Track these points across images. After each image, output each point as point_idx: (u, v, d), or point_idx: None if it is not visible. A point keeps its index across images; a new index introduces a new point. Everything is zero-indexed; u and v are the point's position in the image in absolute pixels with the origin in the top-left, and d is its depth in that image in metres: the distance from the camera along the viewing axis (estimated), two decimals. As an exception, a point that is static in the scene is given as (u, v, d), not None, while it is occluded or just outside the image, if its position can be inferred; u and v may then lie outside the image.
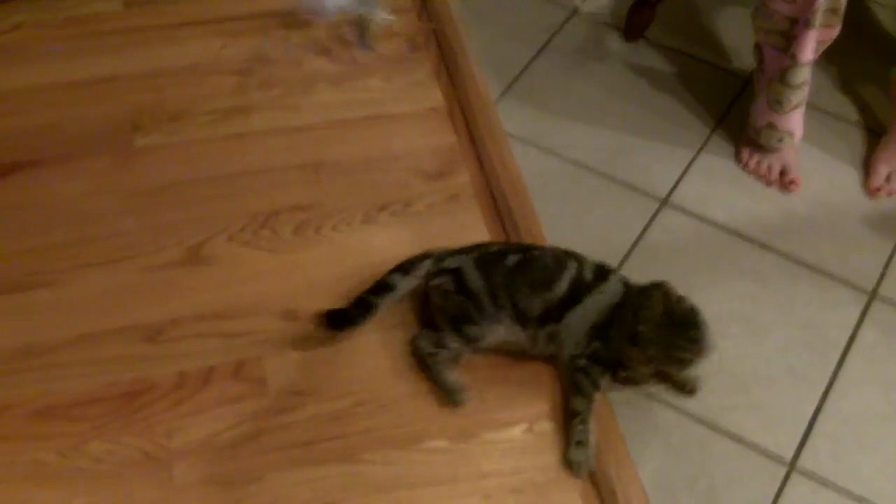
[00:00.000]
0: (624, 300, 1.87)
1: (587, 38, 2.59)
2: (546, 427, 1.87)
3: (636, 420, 1.91)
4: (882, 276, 2.16)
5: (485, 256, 1.94)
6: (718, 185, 2.30)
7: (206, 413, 1.85)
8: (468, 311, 1.89)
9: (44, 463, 1.79)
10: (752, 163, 2.32)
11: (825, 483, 1.86)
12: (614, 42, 2.59)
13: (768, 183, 2.30)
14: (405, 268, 1.96)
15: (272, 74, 2.41)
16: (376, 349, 1.95)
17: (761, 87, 2.28)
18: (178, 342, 1.94)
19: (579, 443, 1.82)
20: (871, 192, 2.30)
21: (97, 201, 2.16)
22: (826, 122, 2.39)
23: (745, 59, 2.52)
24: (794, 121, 2.26)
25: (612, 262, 2.11)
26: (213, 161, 2.24)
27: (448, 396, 1.88)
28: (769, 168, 2.30)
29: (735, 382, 1.99)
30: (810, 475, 1.87)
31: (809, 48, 2.13)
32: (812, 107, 2.38)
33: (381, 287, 1.94)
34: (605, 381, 1.87)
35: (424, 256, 1.97)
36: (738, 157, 2.34)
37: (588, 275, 1.90)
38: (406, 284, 1.96)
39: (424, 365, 1.91)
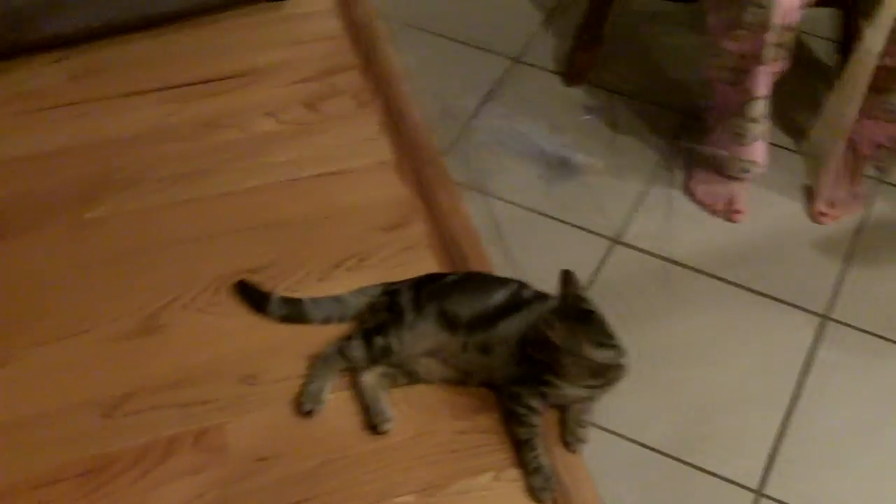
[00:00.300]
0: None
1: (530, 85, 2.62)
2: (513, 474, 1.87)
3: (605, 459, 1.92)
4: (833, 298, 2.19)
5: (427, 277, 2.02)
6: (668, 220, 2.33)
7: (170, 485, 1.83)
8: (384, 323, 1.93)
9: (6, 546, 1.77)
10: (700, 193, 2.34)
11: (793, 507, 1.88)
12: (556, 87, 2.62)
13: (714, 212, 2.32)
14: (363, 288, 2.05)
15: (220, 139, 2.42)
16: (339, 407, 1.94)
17: (716, 122, 2.31)
18: (137, 415, 1.93)
19: (535, 469, 1.83)
20: (815, 218, 2.33)
21: (52, 275, 2.15)
22: (769, 151, 2.41)
23: (685, 95, 2.56)
24: (758, 151, 2.29)
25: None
26: (166, 228, 2.24)
27: (370, 418, 1.90)
28: (717, 198, 2.33)
29: (699, 413, 2.00)
30: (778, 500, 1.88)
31: (762, 82, 2.16)
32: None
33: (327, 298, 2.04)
34: (540, 404, 1.87)
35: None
36: (686, 189, 2.37)
37: (528, 294, 1.94)
38: (353, 302, 2.03)
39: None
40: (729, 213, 2.32)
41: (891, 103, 2.10)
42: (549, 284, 2.14)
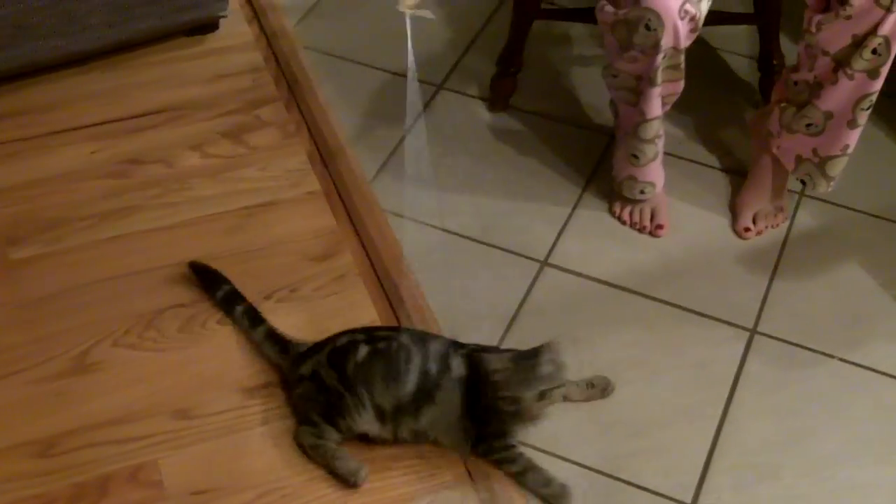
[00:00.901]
0: (471, 372, 1.87)
1: (455, 111, 2.64)
2: (450, 496, 1.88)
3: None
4: (760, 311, 2.22)
5: (335, 351, 1.93)
6: (595, 240, 2.36)
7: (107, 524, 1.82)
8: (335, 403, 1.88)
9: None
10: (625, 214, 2.38)
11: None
12: (481, 112, 2.65)
13: (640, 230, 2.36)
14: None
15: (146, 174, 2.41)
16: (274, 439, 1.94)
17: (619, 142, 2.35)
18: (71, 454, 1.91)
19: (547, 481, 1.85)
20: (740, 233, 2.37)
21: (-22, 318, 2.13)
22: (691, 169, 2.47)
23: (606, 116, 2.59)
24: (653, 172, 2.33)
25: (499, 325, 2.17)
26: (94, 266, 2.22)
27: (346, 481, 1.87)
28: (640, 216, 2.36)
29: (632, 428, 2.03)
30: (712, 515, 1.91)
31: (655, 104, 2.20)
32: (676, 155, 2.48)
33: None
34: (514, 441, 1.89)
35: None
36: (611, 210, 2.40)
37: (433, 367, 1.88)
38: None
39: (315, 456, 1.90)
40: (653, 229, 2.35)
41: (809, 117, 2.15)
42: (482, 307, 2.18)
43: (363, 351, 1.90)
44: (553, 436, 1.98)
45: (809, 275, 2.32)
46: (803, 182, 2.32)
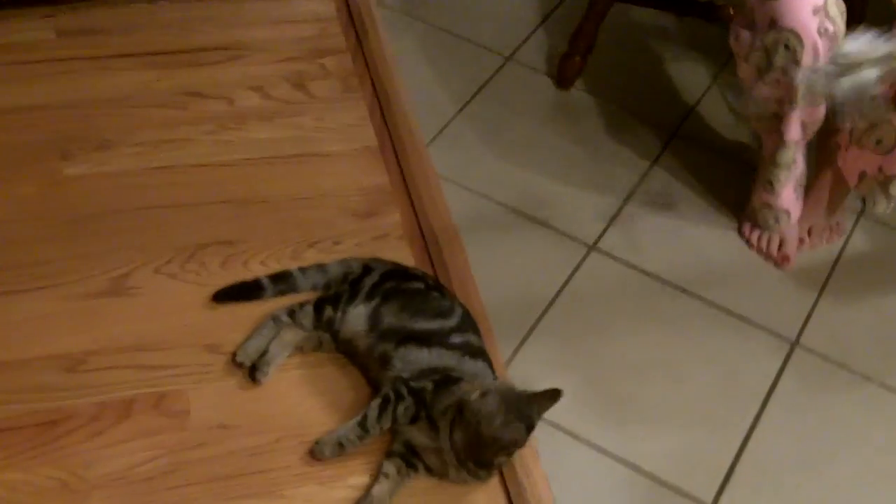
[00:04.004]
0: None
1: (520, 85, 2.62)
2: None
3: (558, 458, 1.92)
4: (804, 325, 2.20)
5: (401, 271, 2.03)
6: (644, 233, 2.33)
7: (126, 445, 1.82)
8: (338, 296, 1.95)
9: (-44, 493, 1.75)
10: (753, 237, 2.34)
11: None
12: (547, 89, 2.62)
13: (766, 257, 2.32)
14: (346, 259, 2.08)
15: (204, 109, 2.41)
16: (301, 385, 1.94)
17: (759, 169, 2.31)
18: (98, 373, 1.91)
19: (341, 444, 1.81)
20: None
21: (21, 228, 2.12)
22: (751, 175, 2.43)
23: (673, 112, 2.57)
24: (788, 200, 2.29)
25: (538, 304, 2.15)
26: (142, 192, 2.22)
27: (235, 353, 1.94)
28: (769, 244, 2.33)
29: (657, 426, 2.01)
30: (729, 521, 1.89)
31: (794, 127, 2.17)
32: (741, 160, 2.44)
33: (281, 275, 2.04)
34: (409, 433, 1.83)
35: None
36: (740, 230, 2.37)
37: (456, 339, 1.91)
38: (334, 272, 2.04)
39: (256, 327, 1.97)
40: (778, 259, 2.31)
41: (881, 133, 2.11)
42: (523, 284, 2.16)
43: (419, 286, 1.99)
44: (574, 418, 1.98)
45: (858, 296, 2.28)
46: (863, 200, 2.28)
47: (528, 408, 1.78)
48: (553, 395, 1.81)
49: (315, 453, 1.82)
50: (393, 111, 2.43)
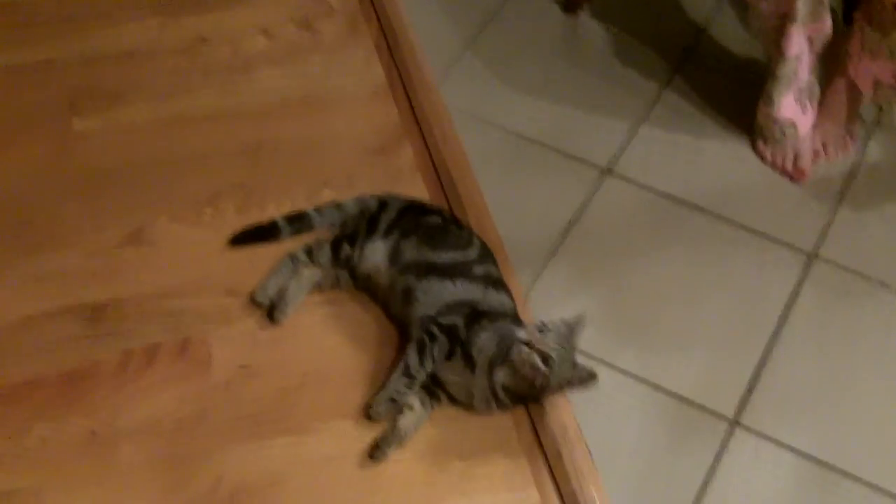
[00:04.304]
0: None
1: (528, 13, 2.59)
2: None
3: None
4: (822, 238, 2.19)
5: (417, 206, 2.03)
6: (659, 154, 2.32)
7: (152, 392, 1.84)
8: (355, 233, 1.96)
9: (-11, 446, 1.78)
10: (767, 153, 2.33)
11: (768, 439, 1.89)
12: (555, 16, 2.60)
13: (782, 172, 2.31)
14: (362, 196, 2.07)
15: (212, 56, 2.40)
16: (323, 323, 1.95)
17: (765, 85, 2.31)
18: (121, 322, 1.93)
19: (393, 399, 1.80)
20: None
21: (37, 185, 2.14)
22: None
23: (683, 32, 2.55)
24: (790, 111, 2.27)
25: (556, 230, 2.15)
26: (153, 143, 2.22)
27: (254, 293, 1.96)
28: (783, 158, 2.31)
29: (677, 344, 2.02)
30: (753, 432, 1.90)
31: (796, 41, 2.15)
32: (754, 73, 2.42)
33: (297, 215, 2.05)
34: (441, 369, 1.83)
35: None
36: (754, 148, 2.35)
37: (478, 270, 1.91)
38: (351, 209, 2.05)
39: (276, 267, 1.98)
40: (793, 172, 2.30)
41: (892, 45, 2.09)
42: (540, 212, 2.16)
43: (437, 220, 2.00)
44: (592, 341, 1.96)
45: (875, 206, 2.27)
46: (880, 108, 2.26)
47: (573, 341, 1.78)
48: (580, 322, 1.79)
49: (372, 416, 1.81)
50: (401, 47, 2.42)
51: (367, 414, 1.82)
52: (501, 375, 1.77)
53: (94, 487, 1.74)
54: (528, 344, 1.73)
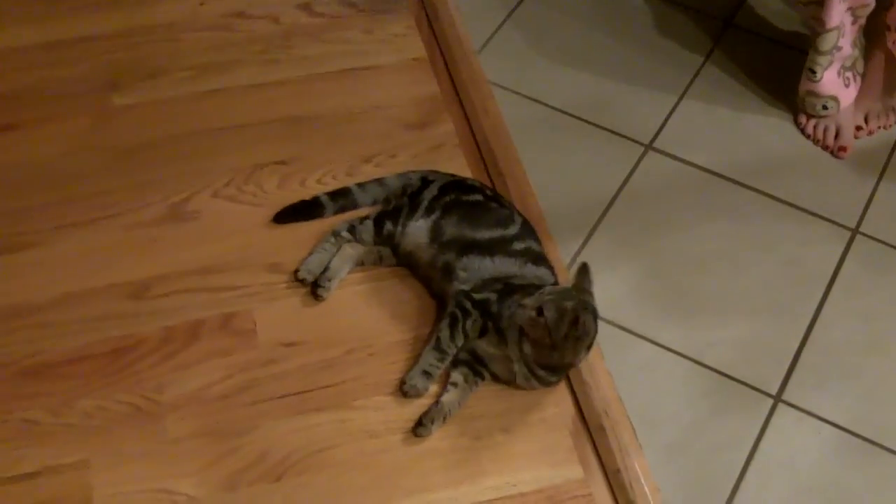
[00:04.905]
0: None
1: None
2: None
3: (621, 356, 1.93)
4: (864, 212, 2.17)
5: (458, 183, 2.01)
6: (701, 129, 2.31)
7: (196, 366, 1.85)
8: (397, 210, 1.96)
9: (35, 421, 1.79)
10: (809, 127, 2.31)
11: (810, 413, 1.89)
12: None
13: (824, 147, 2.29)
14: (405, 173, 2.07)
15: (251, 29, 2.40)
16: (365, 299, 1.96)
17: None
18: (164, 298, 1.94)
19: (426, 373, 1.82)
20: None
21: (78, 161, 2.15)
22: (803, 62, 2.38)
23: (723, 3, 2.53)
24: (832, 86, 2.26)
25: (598, 205, 2.15)
26: (194, 117, 2.23)
27: (297, 268, 1.97)
28: (825, 132, 2.29)
29: (718, 319, 2.01)
30: (796, 406, 1.89)
31: (836, 13, 2.13)
32: (792, 46, 2.41)
33: (340, 192, 2.04)
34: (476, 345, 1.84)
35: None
36: (796, 122, 2.33)
37: (518, 246, 1.91)
38: (393, 185, 2.05)
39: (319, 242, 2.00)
40: (835, 148, 2.28)
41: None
42: (581, 186, 2.16)
43: (478, 197, 1.99)
44: (636, 316, 1.99)
45: (919, 180, 2.25)
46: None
47: (583, 295, 1.78)
48: (584, 269, 1.80)
49: (408, 392, 1.82)
50: (440, 20, 2.41)
51: (402, 390, 1.83)
52: (527, 347, 1.78)
53: (139, 461, 1.75)
54: (523, 306, 1.75)
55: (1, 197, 2.09)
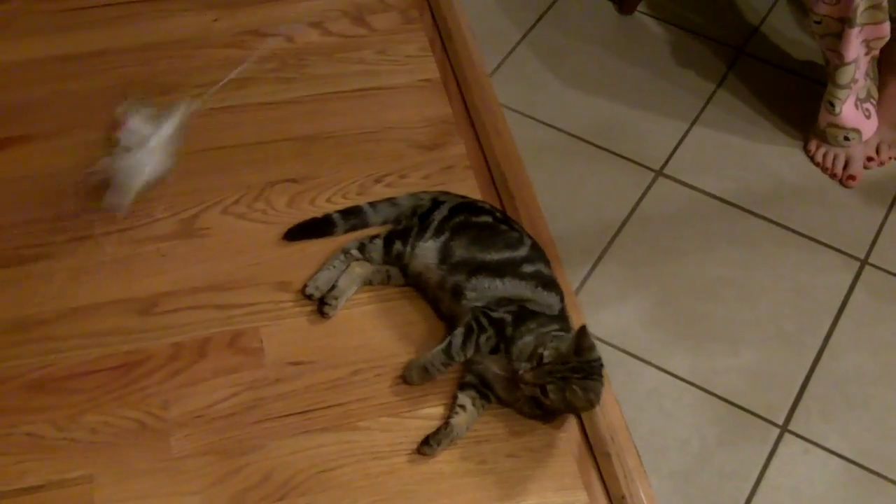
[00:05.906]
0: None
1: (582, 11, 2.59)
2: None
3: (629, 383, 1.93)
4: (874, 242, 2.17)
5: (468, 205, 2.01)
6: (711, 156, 2.31)
7: (203, 384, 1.85)
8: (408, 230, 1.96)
9: (39, 435, 1.79)
10: (819, 155, 2.31)
11: (817, 444, 1.88)
12: (609, 14, 2.59)
13: (832, 175, 2.29)
14: (416, 193, 2.07)
15: (265, 47, 2.40)
16: (373, 319, 1.95)
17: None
18: (172, 314, 1.94)
19: (426, 370, 1.83)
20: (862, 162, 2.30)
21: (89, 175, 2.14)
22: (819, 91, 2.38)
23: (737, 31, 2.53)
24: (852, 119, 2.26)
25: (606, 231, 2.15)
26: (206, 134, 2.23)
27: (305, 285, 1.97)
28: (834, 161, 2.29)
29: (727, 346, 2.00)
30: (802, 437, 1.89)
31: (854, 46, 2.13)
32: (802, 75, 2.41)
33: (352, 210, 2.05)
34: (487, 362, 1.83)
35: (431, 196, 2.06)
36: (806, 147, 2.34)
37: (528, 268, 1.91)
38: (405, 205, 2.05)
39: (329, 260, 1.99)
40: (843, 178, 2.28)
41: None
42: (591, 211, 2.16)
43: (487, 219, 1.98)
44: (643, 343, 1.99)
45: (930, 211, 2.25)
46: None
47: (587, 354, 1.73)
48: (582, 332, 1.73)
49: (405, 378, 1.85)
50: (454, 41, 2.41)
51: (402, 376, 1.86)
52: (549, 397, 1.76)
53: (144, 477, 1.75)
54: (524, 381, 1.75)
55: (11, 209, 2.09)
